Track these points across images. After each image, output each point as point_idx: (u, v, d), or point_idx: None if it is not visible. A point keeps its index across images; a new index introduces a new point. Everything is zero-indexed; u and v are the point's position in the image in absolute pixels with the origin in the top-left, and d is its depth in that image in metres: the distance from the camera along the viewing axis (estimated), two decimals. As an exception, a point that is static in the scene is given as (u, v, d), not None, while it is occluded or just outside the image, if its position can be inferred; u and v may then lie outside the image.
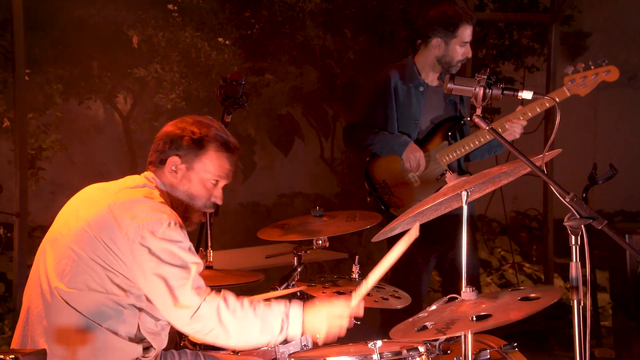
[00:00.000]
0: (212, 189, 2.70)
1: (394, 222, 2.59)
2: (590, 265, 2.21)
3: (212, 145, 2.66)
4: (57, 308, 2.50)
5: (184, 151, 2.65)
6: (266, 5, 6.65)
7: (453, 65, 4.11)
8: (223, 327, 2.45)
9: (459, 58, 4.10)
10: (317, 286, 3.15)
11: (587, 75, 3.96)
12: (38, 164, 6.18)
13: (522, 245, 7.35)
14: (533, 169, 2.27)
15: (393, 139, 4.07)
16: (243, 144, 6.93)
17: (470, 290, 2.41)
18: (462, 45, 4.08)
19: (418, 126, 4.12)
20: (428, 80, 4.17)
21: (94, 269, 2.49)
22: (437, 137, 4.12)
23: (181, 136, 2.65)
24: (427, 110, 4.16)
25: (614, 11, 8.05)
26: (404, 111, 4.13)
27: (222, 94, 3.20)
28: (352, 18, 6.95)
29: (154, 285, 2.45)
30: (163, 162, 2.67)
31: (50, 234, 2.65)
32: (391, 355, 2.58)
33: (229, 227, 6.54)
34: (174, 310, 2.44)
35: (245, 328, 2.46)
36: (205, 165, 2.66)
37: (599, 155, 7.86)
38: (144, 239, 2.45)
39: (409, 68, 4.18)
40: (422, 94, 4.13)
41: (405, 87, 4.13)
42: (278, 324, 2.49)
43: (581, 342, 2.18)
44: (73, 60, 6.37)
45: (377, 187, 4.11)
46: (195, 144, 2.64)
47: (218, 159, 2.67)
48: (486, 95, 2.33)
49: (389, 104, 4.12)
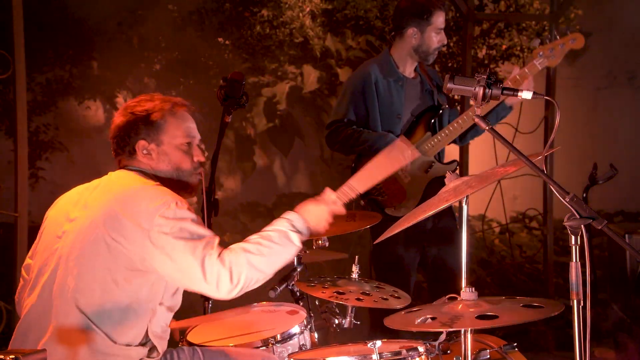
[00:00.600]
0: (190, 150, 2.72)
1: (397, 228, 2.58)
2: (590, 265, 2.21)
3: (166, 113, 2.68)
4: (65, 310, 2.47)
5: (145, 132, 2.66)
6: (266, 5, 6.65)
7: (430, 54, 4.09)
8: (260, 271, 2.48)
9: (435, 46, 4.08)
10: (317, 286, 3.15)
11: (554, 47, 3.99)
12: (38, 164, 6.18)
13: (522, 245, 7.34)
14: (533, 168, 2.27)
15: (379, 139, 4.00)
16: (243, 144, 6.94)
17: (470, 290, 2.41)
18: (438, 33, 4.06)
19: (401, 121, 4.09)
20: (406, 73, 4.14)
21: (109, 271, 2.47)
22: (420, 128, 4.08)
23: (134, 120, 2.67)
24: (407, 103, 4.12)
25: (614, 11, 8.04)
26: (386, 107, 4.08)
27: (222, 94, 3.20)
28: (352, 18, 6.94)
29: (185, 266, 2.43)
30: (132, 152, 2.68)
31: (50, 242, 2.61)
32: (390, 355, 2.59)
33: (229, 227, 6.54)
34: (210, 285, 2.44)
35: (274, 257, 2.51)
36: (170, 132, 2.68)
37: (599, 155, 7.84)
38: (160, 225, 2.44)
39: (386, 62, 4.14)
40: (402, 87, 4.10)
41: (385, 81, 4.09)
42: (297, 238, 2.56)
43: (581, 342, 2.18)
44: (73, 60, 6.37)
45: (370, 189, 4.08)
46: (150, 120, 2.66)
47: (177, 121, 2.70)
48: (486, 95, 2.32)
49: (371, 100, 4.07)
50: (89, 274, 2.48)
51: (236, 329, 3.05)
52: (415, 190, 4.04)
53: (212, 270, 2.42)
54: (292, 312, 3.21)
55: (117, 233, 2.47)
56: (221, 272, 2.43)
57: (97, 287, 2.47)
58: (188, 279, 2.47)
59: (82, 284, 2.47)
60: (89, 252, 2.49)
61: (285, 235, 2.55)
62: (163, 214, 2.46)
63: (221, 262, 2.43)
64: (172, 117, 2.69)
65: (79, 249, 2.51)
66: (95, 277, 2.47)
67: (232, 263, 2.44)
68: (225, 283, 2.43)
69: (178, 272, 2.47)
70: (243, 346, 2.87)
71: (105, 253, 2.47)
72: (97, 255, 2.48)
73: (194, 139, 2.75)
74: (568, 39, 3.98)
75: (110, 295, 2.47)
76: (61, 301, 2.49)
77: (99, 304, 2.46)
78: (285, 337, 2.91)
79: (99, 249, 2.48)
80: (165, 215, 2.46)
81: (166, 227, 2.44)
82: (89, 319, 2.46)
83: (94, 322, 2.45)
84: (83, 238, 2.52)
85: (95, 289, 2.47)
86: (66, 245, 2.55)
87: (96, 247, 2.48)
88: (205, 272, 2.42)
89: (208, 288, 2.45)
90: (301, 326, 2.97)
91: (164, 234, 2.44)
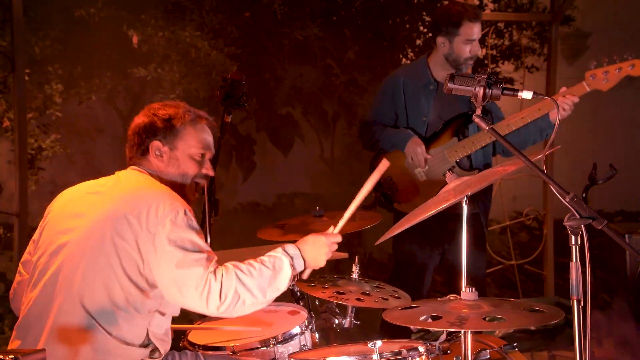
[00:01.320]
0: (202, 162, 2.75)
1: (397, 228, 2.59)
2: (590, 265, 2.21)
3: (187, 121, 2.72)
4: (69, 308, 2.47)
5: (162, 134, 2.69)
6: (266, 5, 6.65)
7: (461, 63, 4.11)
8: (248, 290, 2.50)
9: (466, 55, 4.10)
10: (317, 286, 3.15)
11: (609, 70, 3.88)
12: (38, 164, 6.19)
13: (522, 245, 7.35)
14: (533, 168, 2.27)
15: (396, 134, 4.13)
16: (243, 144, 6.95)
17: (470, 290, 2.42)
18: (467, 43, 4.08)
19: (426, 123, 4.15)
20: (439, 78, 4.17)
21: (113, 271, 2.47)
22: (447, 133, 4.12)
23: (154, 122, 2.70)
24: (439, 108, 4.16)
25: (614, 11, 8.05)
26: (413, 109, 4.17)
27: (222, 94, 3.19)
28: (352, 18, 6.95)
29: (181, 277, 2.45)
30: (145, 151, 2.70)
31: (53, 238, 2.60)
32: (391, 355, 2.58)
33: (229, 227, 6.55)
34: (201, 299, 2.46)
35: (264, 279, 2.53)
36: (187, 141, 2.71)
37: (599, 155, 7.85)
38: (166, 231, 2.46)
39: (420, 67, 4.23)
40: (432, 91, 4.15)
41: (413, 85, 4.17)
42: (287, 262, 2.59)
43: (581, 342, 2.18)
44: (73, 60, 6.38)
45: (382, 182, 4.12)
46: (171, 124, 2.70)
47: (196, 132, 2.73)
48: (486, 95, 2.32)
49: (398, 102, 4.19)
50: (95, 271, 2.48)
51: (236, 329, 3.05)
52: (429, 190, 4.04)
53: (205, 285, 2.45)
54: (293, 312, 3.21)
55: (124, 233, 2.48)
56: (212, 286, 2.46)
57: (101, 286, 2.47)
58: (180, 291, 2.47)
59: (88, 282, 2.48)
60: (97, 250, 2.49)
61: (277, 259, 2.59)
62: (171, 220, 2.47)
63: (214, 277, 2.47)
64: (191, 127, 2.72)
65: (86, 247, 2.51)
66: (100, 276, 2.48)
67: (223, 278, 2.47)
68: (214, 298, 2.46)
69: (172, 282, 2.47)
70: (244, 345, 2.88)
71: (111, 252, 2.48)
72: (103, 254, 2.48)
73: (208, 152, 2.78)
74: (627, 65, 3.88)
75: (114, 294, 2.47)
76: (65, 298, 2.49)
77: (102, 302, 2.47)
78: (286, 337, 2.91)
79: (105, 247, 2.48)
80: (173, 222, 2.47)
81: (171, 234, 2.46)
82: (93, 317, 2.46)
83: (98, 320, 2.46)
84: (91, 235, 2.52)
85: (99, 287, 2.47)
86: (73, 241, 2.55)
87: (103, 246, 2.49)
88: (198, 286, 2.45)
89: (198, 303, 2.47)
90: (302, 326, 2.97)
91: (167, 241, 2.45)
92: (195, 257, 2.46)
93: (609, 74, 3.89)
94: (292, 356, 2.78)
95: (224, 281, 2.47)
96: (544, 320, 2.38)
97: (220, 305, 2.47)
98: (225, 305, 2.48)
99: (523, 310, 2.43)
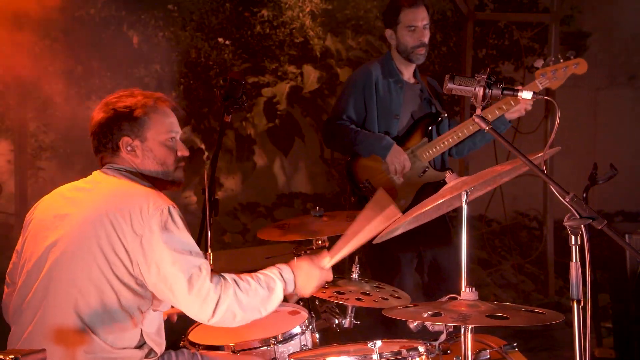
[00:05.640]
0: (174, 145, 2.69)
1: (395, 223, 2.59)
2: (590, 265, 2.21)
3: (149, 109, 2.64)
4: (62, 313, 2.45)
5: (129, 128, 2.61)
6: (266, 5, 6.65)
7: (410, 53, 4.07)
8: (241, 306, 2.49)
9: (412, 44, 4.06)
10: (317, 286, 3.15)
11: (557, 69, 3.98)
12: (38, 164, 6.18)
13: (522, 245, 7.35)
14: (533, 168, 2.27)
15: (375, 141, 4.02)
16: (243, 144, 6.95)
17: (470, 290, 2.41)
18: (411, 30, 4.05)
19: (398, 122, 4.10)
20: (405, 77, 4.15)
21: (102, 273, 2.44)
22: (417, 134, 4.09)
23: (116, 117, 2.62)
24: (406, 106, 4.14)
25: (614, 11, 8.04)
26: (385, 106, 4.10)
27: (222, 94, 3.19)
28: (352, 18, 6.95)
29: (170, 276, 2.43)
30: (115, 149, 2.63)
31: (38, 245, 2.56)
32: (391, 355, 2.58)
33: (229, 227, 6.55)
34: (194, 305, 2.45)
35: (258, 302, 2.53)
36: (154, 129, 2.64)
37: (599, 155, 7.85)
38: (152, 232, 2.43)
39: (388, 63, 4.17)
40: (401, 89, 4.11)
41: (385, 81, 4.11)
42: (280, 287, 2.58)
43: (581, 342, 2.18)
44: (73, 60, 6.37)
45: (360, 186, 4.08)
46: (134, 116, 2.61)
47: (161, 117, 2.66)
48: (486, 95, 2.32)
49: (370, 98, 4.09)
50: (84, 275, 2.45)
51: (237, 329, 3.05)
52: (407, 192, 4.04)
53: (200, 290, 2.43)
54: (294, 312, 3.21)
55: (110, 235, 2.45)
56: (210, 294, 2.44)
57: (92, 290, 2.45)
58: (170, 291, 2.45)
59: (79, 286, 2.45)
60: (84, 254, 2.46)
61: (272, 280, 2.58)
62: (158, 219, 2.44)
63: (214, 286, 2.45)
64: (155, 113, 2.65)
65: (74, 252, 2.48)
66: (91, 279, 2.45)
67: (222, 291, 2.46)
68: (210, 306, 2.44)
69: (162, 282, 2.45)
70: (244, 345, 2.87)
71: (98, 255, 2.45)
72: (91, 257, 2.45)
73: (177, 134, 2.73)
74: (571, 63, 3.96)
75: (106, 297, 2.45)
76: (57, 304, 2.46)
77: (94, 307, 2.45)
78: (286, 337, 2.91)
79: (92, 250, 2.45)
80: (158, 222, 2.44)
81: (158, 234, 2.43)
82: (86, 324, 2.44)
83: (91, 327, 2.44)
84: (76, 240, 2.49)
85: (91, 292, 2.45)
86: (59, 247, 2.51)
87: (90, 249, 2.46)
88: (190, 288, 2.42)
89: (190, 305, 2.45)
90: (302, 326, 2.97)
91: (155, 241, 2.43)
92: (184, 257, 2.44)
93: (557, 72, 3.98)
94: (292, 356, 2.77)
95: (222, 295, 2.45)
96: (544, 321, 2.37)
97: (211, 317, 2.46)
98: (216, 319, 2.47)
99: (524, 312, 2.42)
